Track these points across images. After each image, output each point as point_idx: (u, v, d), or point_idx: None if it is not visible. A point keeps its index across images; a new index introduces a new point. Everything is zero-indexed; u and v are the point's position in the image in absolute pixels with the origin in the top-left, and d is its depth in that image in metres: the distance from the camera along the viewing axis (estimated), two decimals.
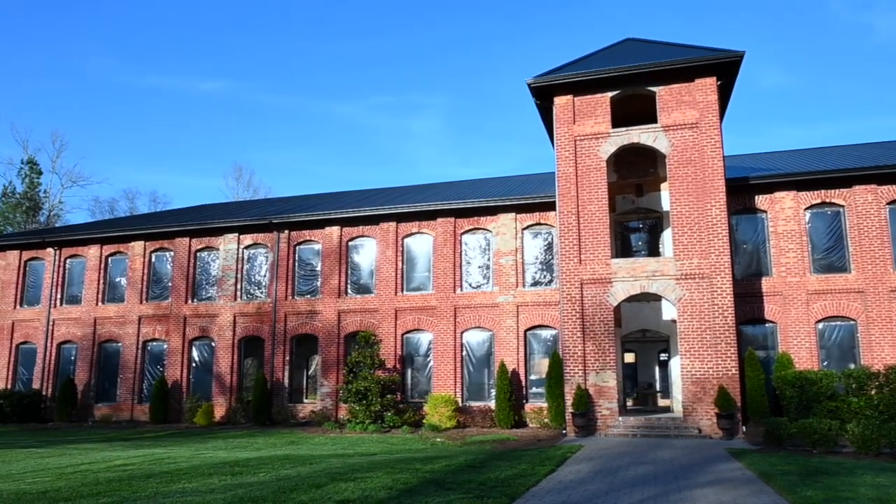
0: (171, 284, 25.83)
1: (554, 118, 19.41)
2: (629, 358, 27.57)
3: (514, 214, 22.32)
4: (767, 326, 19.72)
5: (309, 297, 24.13)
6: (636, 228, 21.98)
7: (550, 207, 21.55)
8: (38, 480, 10.67)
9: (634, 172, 21.49)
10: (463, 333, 22.18)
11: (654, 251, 21.30)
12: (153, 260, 26.45)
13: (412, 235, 23.48)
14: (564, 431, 17.98)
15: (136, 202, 61.90)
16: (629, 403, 25.36)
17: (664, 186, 20.95)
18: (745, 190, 20.25)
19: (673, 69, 18.25)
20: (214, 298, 25.19)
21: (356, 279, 23.90)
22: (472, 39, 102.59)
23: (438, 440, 17.50)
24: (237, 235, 25.28)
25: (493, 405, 20.86)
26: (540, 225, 22.24)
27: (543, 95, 19.58)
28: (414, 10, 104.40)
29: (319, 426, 21.49)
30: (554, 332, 21.24)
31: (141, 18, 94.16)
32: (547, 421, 19.79)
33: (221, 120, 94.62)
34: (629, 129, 18.78)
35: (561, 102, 19.25)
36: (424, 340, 22.66)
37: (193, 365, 25.05)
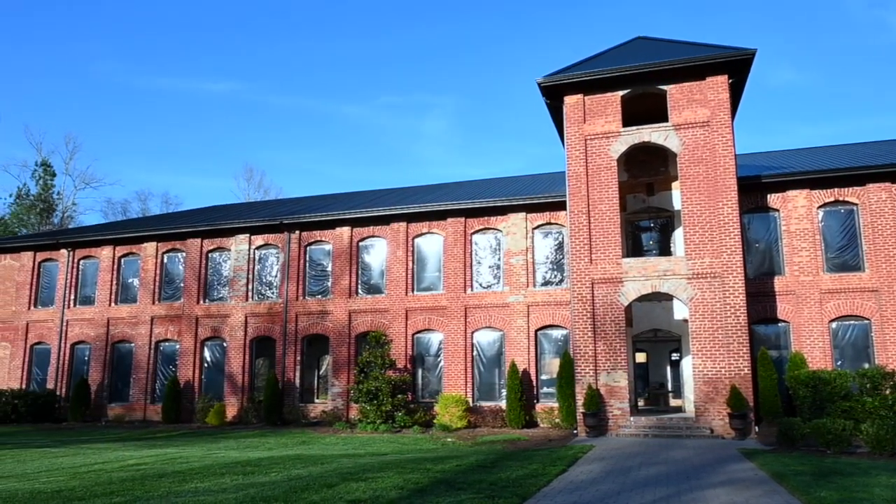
0: (182, 285, 25.99)
1: (564, 117, 19.36)
2: (640, 358, 27.45)
3: (524, 214, 22.29)
4: (780, 326, 19.58)
5: (320, 297, 24.20)
6: (647, 228, 21.88)
7: (561, 207, 21.50)
8: (52, 480, 10.77)
9: (645, 171, 21.40)
10: (473, 333, 22.17)
11: (665, 250, 21.20)
12: (165, 261, 26.63)
13: (422, 235, 23.50)
14: (575, 431, 17.93)
15: (148, 203, 62.36)
16: (640, 403, 25.24)
17: (675, 185, 20.85)
18: (757, 188, 20.11)
19: (684, 67, 18.15)
20: (226, 299, 25.32)
21: (367, 279, 23.94)
22: (481, 39, 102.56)
23: (449, 440, 17.50)
24: (248, 236, 25.39)
25: (503, 405, 20.83)
26: (550, 224, 22.19)
27: (553, 95, 19.53)
28: (422, 10, 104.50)
29: (330, 426, 21.55)
30: (565, 331, 21.18)
31: (152, 20, 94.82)
32: (558, 421, 19.75)
33: (232, 121, 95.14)
34: (640, 127, 18.70)
35: (571, 102, 19.20)
36: (435, 340, 22.66)
37: (205, 365, 25.19)
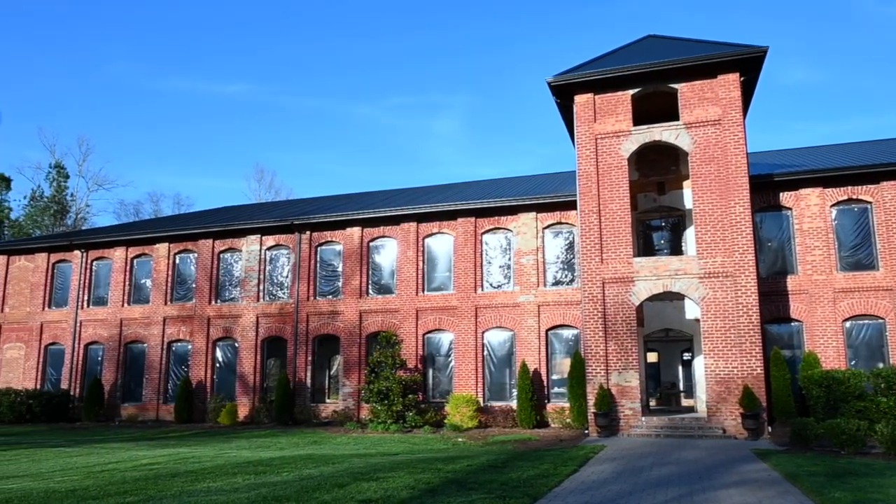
0: (194, 286, 26.14)
1: (574, 117, 19.30)
2: (652, 357, 27.33)
3: (534, 214, 22.25)
4: (793, 325, 19.43)
5: (331, 297, 24.26)
6: (658, 227, 21.78)
7: (571, 206, 21.45)
8: (66, 479, 10.86)
9: (656, 170, 21.30)
10: (484, 333, 22.15)
11: (676, 250, 21.10)
12: (177, 261, 26.79)
13: (433, 235, 23.51)
14: (587, 431, 17.88)
15: (160, 204, 62.79)
16: (652, 403, 25.14)
17: (686, 184, 20.74)
18: (769, 187, 19.97)
19: (695, 66, 18.05)
20: (237, 299, 25.44)
21: (377, 279, 23.98)
22: (492, 39, 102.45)
23: (460, 440, 17.50)
24: (259, 237, 25.50)
25: (514, 405, 20.80)
26: (561, 224, 22.14)
27: (564, 94, 19.48)
28: (433, 10, 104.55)
29: (341, 426, 21.60)
30: (576, 331, 21.13)
31: (163, 22, 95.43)
32: (569, 421, 19.70)
33: (243, 122, 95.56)
34: (651, 126, 18.63)
35: (581, 101, 19.15)
36: (445, 340, 22.67)
37: (217, 365, 25.32)
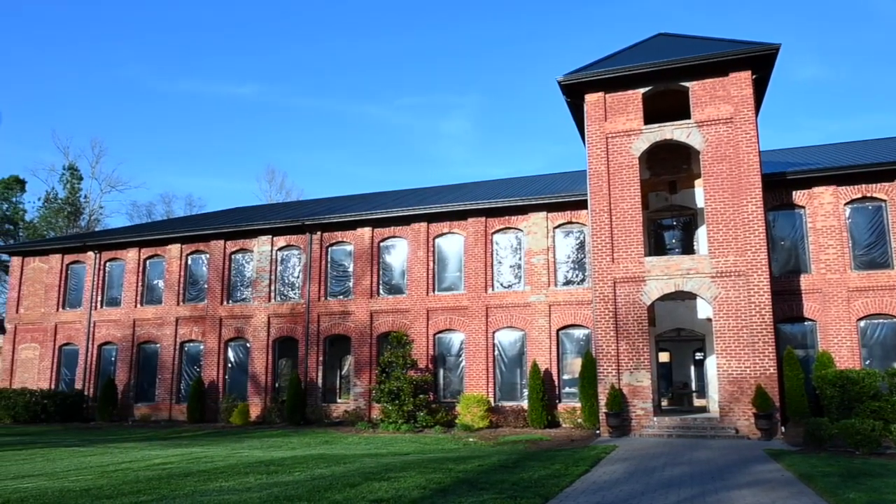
0: (206, 286, 26.28)
1: (585, 116, 19.25)
2: (664, 357, 27.20)
3: (545, 213, 22.19)
4: (807, 325, 19.28)
5: (341, 297, 24.32)
6: (670, 226, 21.68)
7: (582, 206, 21.38)
8: (81, 478, 10.94)
9: (667, 169, 21.20)
10: (495, 333, 22.13)
11: (688, 249, 20.99)
12: (189, 262, 26.94)
13: (443, 235, 23.50)
14: (598, 432, 17.82)
15: (172, 206, 63.16)
16: (664, 403, 25.02)
17: (698, 183, 20.64)
18: (782, 185, 19.82)
19: (706, 63, 17.95)
20: (249, 300, 25.55)
21: (388, 280, 24.01)
22: (502, 38, 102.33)
23: (471, 440, 17.49)
24: (270, 237, 25.60)
25: (525, 405, 20.76)
26: (572, 224, 22.07)
27: (574, 93, 19.43)
28: (443, 10, 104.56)
29: (353, 426, 21.64)
30: (587, 331, 21.06)
31: (175, 24, 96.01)
32: (580, 421, 19.64)
33: (254, 123, 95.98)
34: (662, 125, 18.54)
35: (592, 100, 19.09)
36: (456, 340, 22.66)
37: (229, 365, 25.44)
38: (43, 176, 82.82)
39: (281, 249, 25.59)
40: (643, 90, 18.74)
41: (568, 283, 21.79)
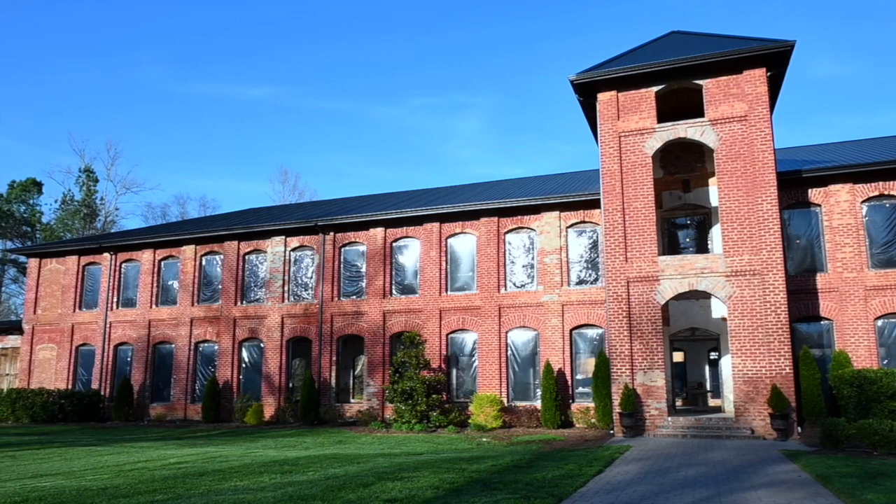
0: (220, 287, 26.45)
1: (598, 115, 19.18)
2: (678, 357, 27.06)
3: (558, 213, 22.13)
4: (823, 324, 19.09)
5: (354, 297, 24.38)
6: (684, 225, 21.55)
7: (595, 205, 21.31)
8: (98, 477, 11.04)
9: (681, 168, 21.08)
10: (508, 333, 22.10)
11: (702, 248, 20.86)
12: (203, 263, 27.12)
13: (456, 235, 23.50)
14: (612, 432, 17.75)
15: (186, 207, 63.67)
16: (678, 403, 24.88)
17: (712, 181, 20.51)
18: (797, 183, 19.64)
19: (720, 61, 17.83)
20: (263, 300, 25.69)
21: (401, 280, 24.05)
22: (514, 38, 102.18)
23: (484, 440, 17.48)
24: (284, 238, 25.72)
25: (538, 405, 20.72)
26: (584, 223, 22.00)
27: (586, 92, 19.36)
28: (456, 10, 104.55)
29: (366, 426, 21.70)
30: (600, 331, 20.99)
31: (189, 27, 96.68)
32: (594, 421, 19.57)
33: (267, 125, 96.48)
34: (675, 123, 18.43)
35: (604, 98, 19.01)
36: (469, 340, 22.65)
37: (243, 365, 25.59)
38: (59, 178, 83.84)
39: (294, 250, 25.71)
40: (656, 88, 18.64)
41: (581, 282, 21.72)
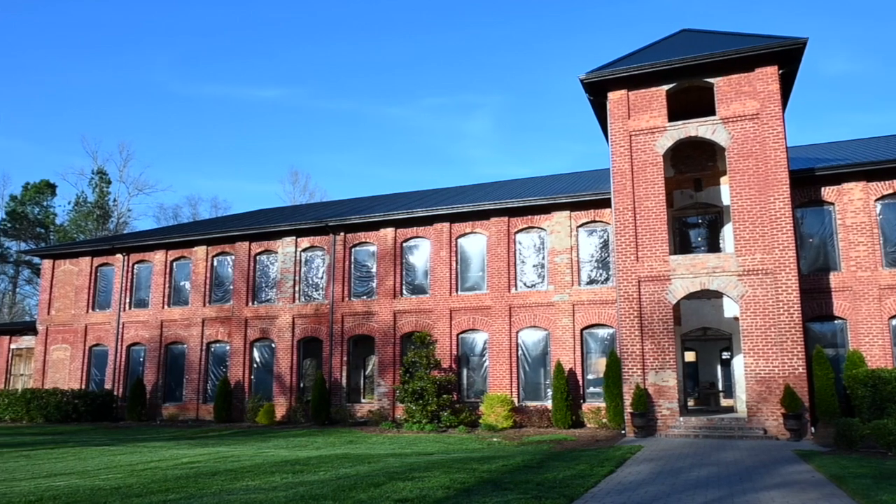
0: (232, 287, 26.57)
1: (608, 113, 19.11)
2: (690, 357, 26.92)
3: (568, 212, 22.07)
4: (836, 323, 18.93)
5: (365, 298, 24.42)
6: (695, 224, 21.44)
7: (606, 204, 21.24)
8: (111, 477, 11.12)
9: (692, 166, 20.97)
10: (518, 333, 22.06)
11: (714, 247, 20.74)
12: (215, 264, 27.26)
13: (466, 235, 23.49)
14: (623, 432, 17.68)
15: (198, 208, 64.06)
16: (690, 403, 24.76)
17: (724, 180, 20.38)
18: (810, 182, 19.48)
19: (731, 59, 17.72)
20: (274, 300, 25.78)
21: (411, 280, 24.06)
22: (524, 37, 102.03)
23: (495, 440, 17.46)
24: (294, 238, 25.80)
25: (549, 405, 20.68)
26: (595, 222, 21.93)
27: (597, 91, 19.30)
28: (466, 10, 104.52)
29: (377, 425, 21.73)
30: (611, 330, 20.91)
31: (199, 29, 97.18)
32: (605, 421, 19.51)
33: (278, 126, 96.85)
34: (686, 122, 18.34)
35: (615, 97, 18.95)
36: (479, 340, 22.64)
37: (255, 366, 25.70)
38: (73, 180, 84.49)
39: (305, 250, 25.78)
40: (667, 87, 18.55)
41: (592, 282, 21.65)
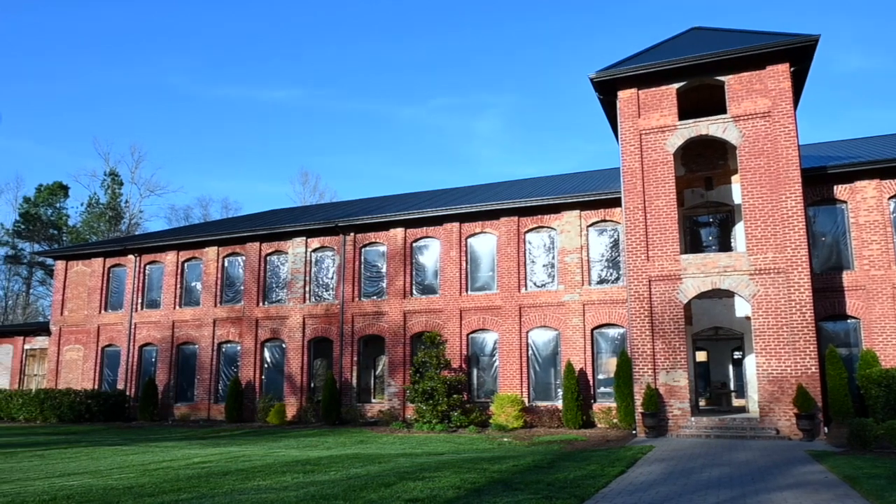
0: (243, 288, 26.68)
1: (618, 112, 19.04)
2: (701, 356, 26.77)
3: (578, 212, 22.01)
4: (849, 322, 18.77)
5: (375, 298, 24.46)
6: (706, 223, 21.33)
7: (616, 204, 21.16)
8: (124, 476, 11.20)
9: (703, 165, 20.86)
10: (528, 333, 22.02)
11: (725, 246, 20.62)
12: (226, 264, 27.39)
13: (476, 235, 23.47)
14: (634, 432, 17.62)
15: (209, 209, 64.37)
16: (702, 403, 24.63)
17: (735, 179, 20.26)
18: (822, 180, 19.33)
19: (742, 57, 17.61)
20: (284, 301, 25.87)
21: (421, 280, 24.08)
22: (534, 37, 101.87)
23: (505, 440, 17.44)
24: (305, 239, 25.88)
25: (560, 405, 20.63)
26: (605, 222, 21.86)
27: (607, 90, 19.24)
28: (477, 10, 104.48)
29: (387, 425, 21.76)
30: (622, 330, 20.84)
31: (209, 30, 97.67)
32: (616, 421, 19.44)
33: (288, 127, 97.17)
34: (697, 120, 18.25)
35: (625, 96, 18.88)
36: (490, 340, 22.62)
37: (265, 366, 25.80)
38: (85, 182, 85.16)
39: (315, 251, 25.85)
40: (677, 85, 18.47)
41: (602, 281, 21.59)
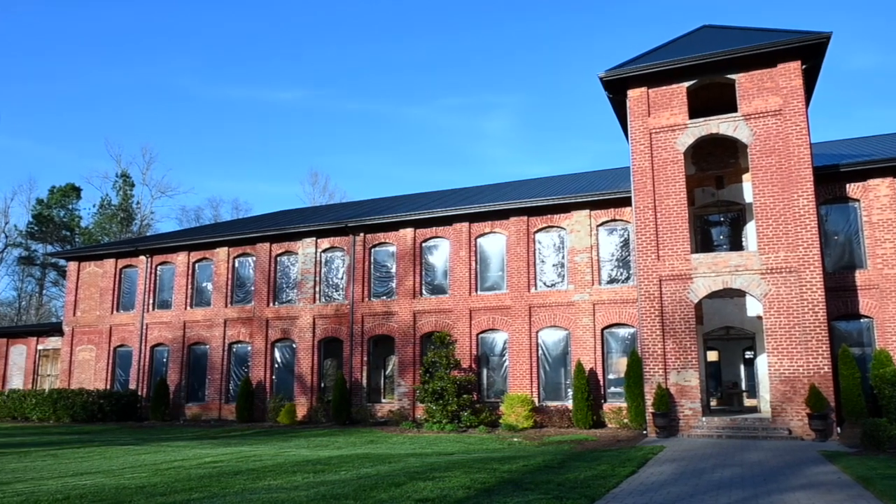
0: (253, 288, 26.79)
1: (628, 111, 18.97)
2: (712, 356, 26.63)
3: (588, 211, 21.94)
4: (863, 322, 18.61)
5: (385, 298, 24.49)
6: (717, 222, 21.21)
7: (626, 203, 21.09)
8: (136, 476, 11.27)
9: (714, 164, 20.75)
10: (538, 333, 21.98)
11: (736, 245, 20.50)
12: (236, 265, 27.50)
13: (485, 235, 23.45)
14: (645, 432, 17.55)
15: (219, 210, 64.67)
16: (713, 403, 24.49)
17: (746, 177, 20.14)
18: (835, 178, 19.18)
19: (753, 55, 17.49)
20: (294, 301, 25.95)
21: (430, 280, 24.08)
22: (543, 36, 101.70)
23: (515, 440, 17.42)
24: (315, 239, 25.94)
25: (570, 405, 20.58)
26: (615, 221, 21.79)
27: (616, 89, 19.17)
28: (485, 10, 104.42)
29: (397, 425, 21.78)
30: (632, 330, 20.76)
31: (218, 31, 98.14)
32: (626, 421, 19.37)
33: (298, 128, 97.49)
34: (707, 119, 18.15)
35: (635, 95, 18.81)
36: (499, 340, 22.59)
37: (276, 366, 25.89)
38: (97, 183, 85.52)
39: (325, 251, 25.92)
40: (687, 84, 18.38)
41: (612, 281, 21.51)
